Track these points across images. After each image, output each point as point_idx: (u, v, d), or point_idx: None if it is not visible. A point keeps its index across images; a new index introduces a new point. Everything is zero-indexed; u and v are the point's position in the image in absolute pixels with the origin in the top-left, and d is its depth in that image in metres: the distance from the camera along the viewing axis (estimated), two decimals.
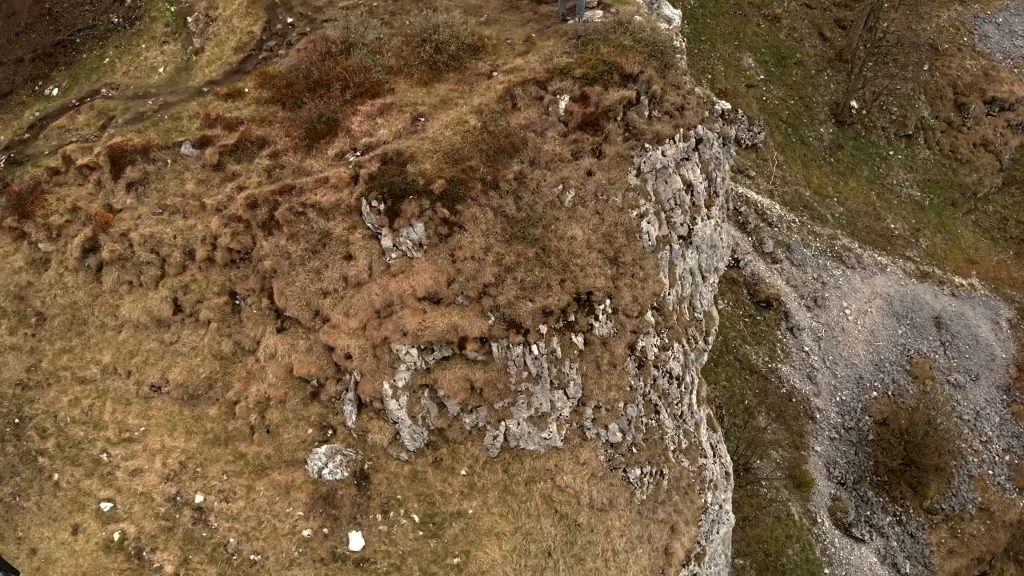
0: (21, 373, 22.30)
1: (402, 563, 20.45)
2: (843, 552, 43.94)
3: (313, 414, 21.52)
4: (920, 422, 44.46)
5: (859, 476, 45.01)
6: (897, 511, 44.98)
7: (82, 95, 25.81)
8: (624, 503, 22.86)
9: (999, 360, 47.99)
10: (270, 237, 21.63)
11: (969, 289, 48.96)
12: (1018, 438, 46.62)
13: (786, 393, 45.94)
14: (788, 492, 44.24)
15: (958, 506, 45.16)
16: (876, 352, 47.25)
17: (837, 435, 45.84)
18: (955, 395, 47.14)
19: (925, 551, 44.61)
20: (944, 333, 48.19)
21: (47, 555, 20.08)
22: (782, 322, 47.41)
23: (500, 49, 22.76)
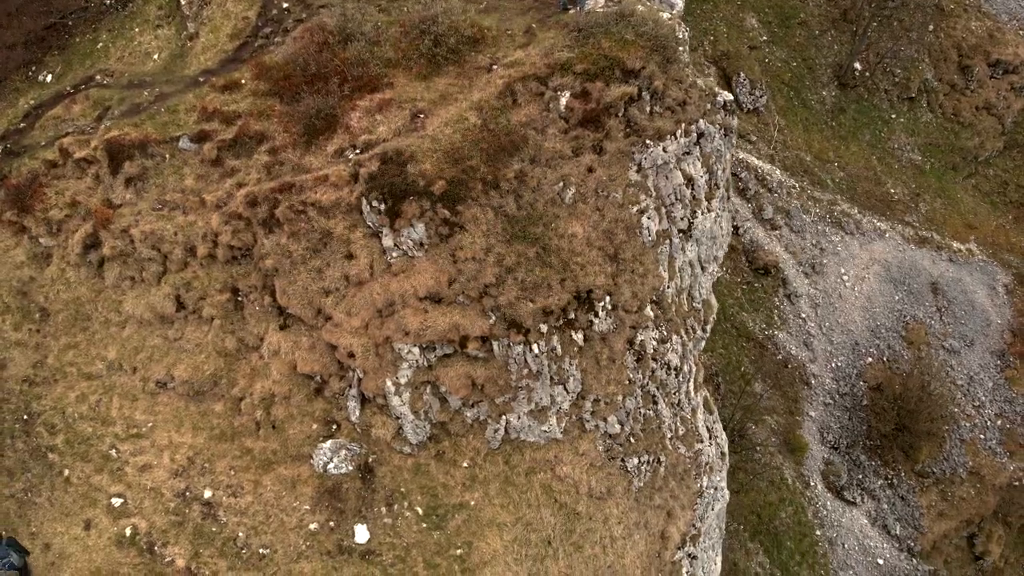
0: (27, 369, 22.58)
1: (407, 555, 21.07)
2: (835, 514, 45.02)
3: (317, 410, 21.88)
4: (914, 387, 45.07)
5: (852, 440, 45.80)
6: (889, 474, 45.90)
7: (76, 81, 25.47)
8: (622, 491, 23.42)
9: (994, 326, 48.42)
10: (271, 235, 21.66)
11: (967, 254, 49.11)
12: (1011, 403, 47.31)
13: (782, 360, 46.45)
14: (782, 457, 45.08)
15: (949, 470, 46.08)
16: (872, 318, 47.61)
17: (831, 400, 46.51)
18: (949, 360, 47.70)
19: (915, 513, 45.68)
20: (940, 299, 48.49)
21: (61, 550, 20.67)
22: (780, 289, 47.66)
23: (500, 41, 22.42)
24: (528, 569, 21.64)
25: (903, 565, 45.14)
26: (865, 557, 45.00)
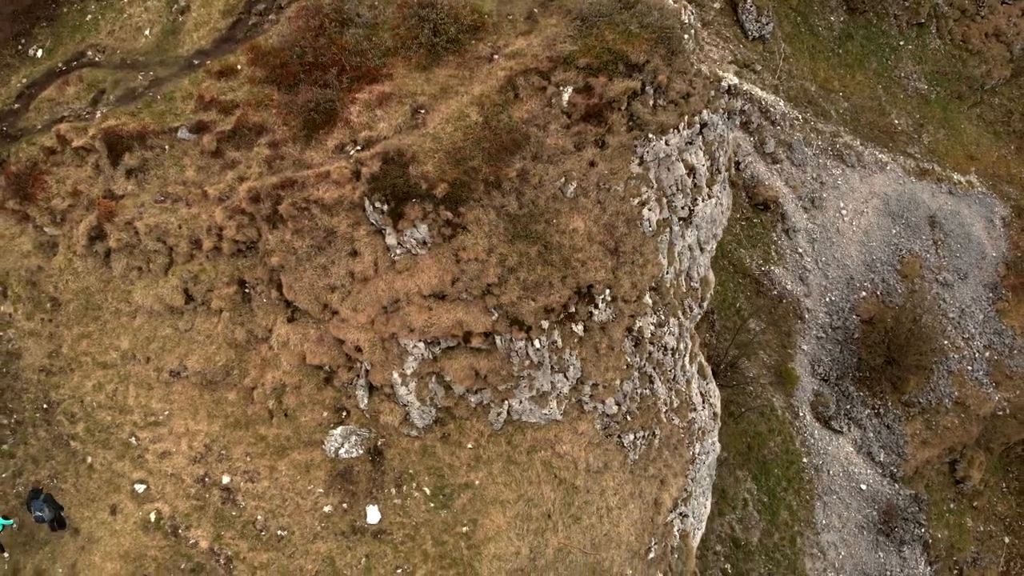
0: (43, 359, 23.33)
1: (416, 533, 22.52)
2: (821, 443, 47.02)
3: (327, 398, 22.82)
4: (906, 321, 46.11)
5: (842, 372, 47.27)
6: (876, 404, 47.58)
7: (68, 57, 25.00)
8: (618, 465, 24.74)
9: (989, 259, 49.07)
10: (275, 230, 21.96)
11: (967, 186, 49.15)
12: (1000, 335, 48.54)
13: (777, 295, 47.31)
14: (773, 389, 46.68)
15: (935, 400, 47.77)
16: (869, 252, 48.19)
17: (824, 334, 47.70)
18: (942, 294, 48.60)
19: (900, 441, 47.67)
20: (938, 232, 48.93)
21: (90, 534, 22.08)
22: (778, 224, 48.00)
23: (501, 27, 21.97)
24: (530, 543, 23.17)
25: (885, 490, 47.53)
26: (849, 483, 47.30)
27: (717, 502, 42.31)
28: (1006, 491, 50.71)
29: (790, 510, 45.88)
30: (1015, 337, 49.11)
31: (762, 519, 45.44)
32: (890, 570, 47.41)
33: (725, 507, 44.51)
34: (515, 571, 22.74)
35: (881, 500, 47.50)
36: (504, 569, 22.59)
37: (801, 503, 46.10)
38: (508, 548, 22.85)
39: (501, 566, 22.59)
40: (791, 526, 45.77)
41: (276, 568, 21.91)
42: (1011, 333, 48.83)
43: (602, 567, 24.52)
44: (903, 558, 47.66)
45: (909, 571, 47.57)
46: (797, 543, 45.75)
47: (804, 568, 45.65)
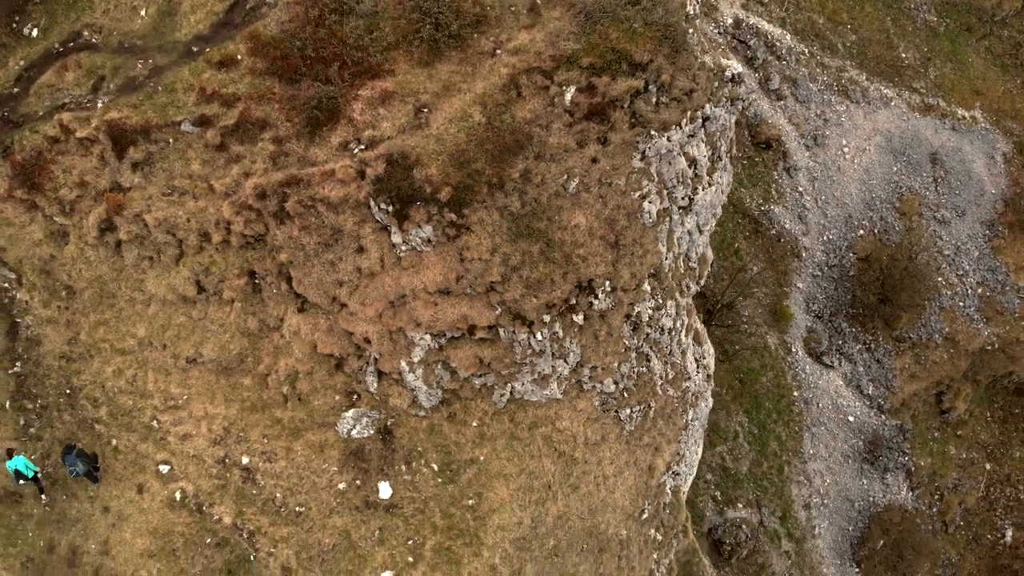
0: (63, 346, 24.38)
1: (425, 507, 24.25)
2: (812, 377, 48.86)
3: (339, 383, 24.05)
4: (901, 259, 47.04)
5: (835, 309, 48.55)
6: (867, 340, 49.14)
7: (64, 38, 24.82)
8: (614, 437, 26.29)
9: (988, 195, 49.53)
10: (282, 226, 22.59)
11: (970, 122, 49.05)
12: (993, 272, 49.58)
13: (776, 234, 48.07)
14: (767, 327, 48.12)
15: (926, 335, 49.28)
16: (868, 191, 48.62)
17: (820, 272, 48.74)
18: (939, 231, 49.33)
19: (889, 375, 49.51)
20: (938, 169, 49.19)
21: (119, 512, 23.76)
22: (780, 163, 48.23)
23: (503, 20, 21.88)
24: (531, 512, 24.96)
25: (872, 421, 49.71)
26: (837, 415, 49.44)
27: (709, 435, 44.43)
28: (990, 420, 52.92)
29: (779, 441, 48.10)
30: (1008, 274, 50.16)
31: (752, 450, 47.73)
32: (873, 496, 50.14)
33: (717, 439, 46.57)
34: (518, 539, 24.59)
35: (867, 431, 49.70)
36: (507, 538, 24.43)
37: (790, 434, 48.29)
38: (511, 518, 24.62)
39: (505, 535, 24.42)
40: (779, 456, 48.09)
41: (296, 541, 23.72)
42: (1004, 270, 49.84)
43: (599, 530, 26.45)
44: (886, 484, 50.33)
45: (891, 497, 50.33)
46: (784, 471, 48.25)
47: (790, 494, 48.28)
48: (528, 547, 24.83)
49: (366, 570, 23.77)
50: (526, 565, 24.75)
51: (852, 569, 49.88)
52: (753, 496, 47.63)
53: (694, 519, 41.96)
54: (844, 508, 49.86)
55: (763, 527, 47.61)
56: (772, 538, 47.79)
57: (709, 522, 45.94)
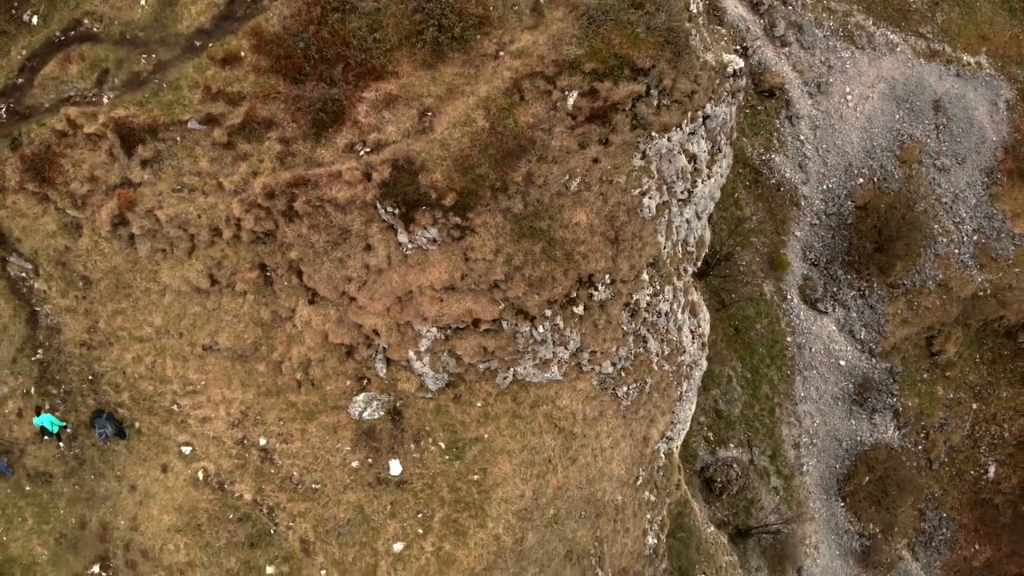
0: (82, 334, 25.52)
1: (433, 482, 25.97)
2: (806, 323, 50.32)
3: (349, 369, 25.35)
4: (900, 207, 47.71)
5: (832, 257, 49.54)
6: (862, 286, 50.32)
7: (64, 26, 24.88)
8: (612, 413, 27.82)
9: (988, 143, 49.77)
10: (291, 224, 23.40)
11: (975, 68, 48.83)
12: (990, 219, 50.33)
13: (776, 183, 48.61)
14: (764, 275, 49.23)
15: (919, 282, 50.44)
16: (870, 139, 48.85)
17: (818, 221, 49.52)
18: (938, 179, 49.81)
19: (881, 320, 50.92)
20: (940, 116, 49.28)
21: (146, 490, 25.45)
22: (782, 111, 48.34)
23: (506, 20, 22.08)
24: (533, 485, 26.71)
25: (863, 365, 51.45)
26: (828, 359, 51.17)
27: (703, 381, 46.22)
28: (979, 361, 54.58)
29: (771, 384, 49.98)
30: (1004, 221, 50.90)
31: (744, 393, 49.67)
32: (860, 435, 52.40)
33: (710, 384, 48.35)
34: (520, 511, 26.42)
35: (857, 374, 51.49)
36: (510, 510, 26.26)
37: (782, 378, 50.12)
38: (514, 491, 26.38)
39: (508, 507, 26.23)
40: (771, 398, 50.06)
41: (313, 516, 25.53)
42: (1001, 217, 50.56)
43: (596, 498, 28.30)
44: (874, 424, 52.51)
45: (878, 436, 52.60)
46: (776, 413, 50.30)
47: (780, 435, 50.48)
48: (530, 517, 26.69)
49: (379, 541, 25.67)
50: (528, 533, 26.67)
51: (838, 503, 52.58)
52: (744, 437, 49.76)
53: (687, 459, 44.10)
54: (832, 447, 52.14)
55: (753, 465, 49.97)
56: (761, 475, 50.22)
57: (701, 461, 48.19)
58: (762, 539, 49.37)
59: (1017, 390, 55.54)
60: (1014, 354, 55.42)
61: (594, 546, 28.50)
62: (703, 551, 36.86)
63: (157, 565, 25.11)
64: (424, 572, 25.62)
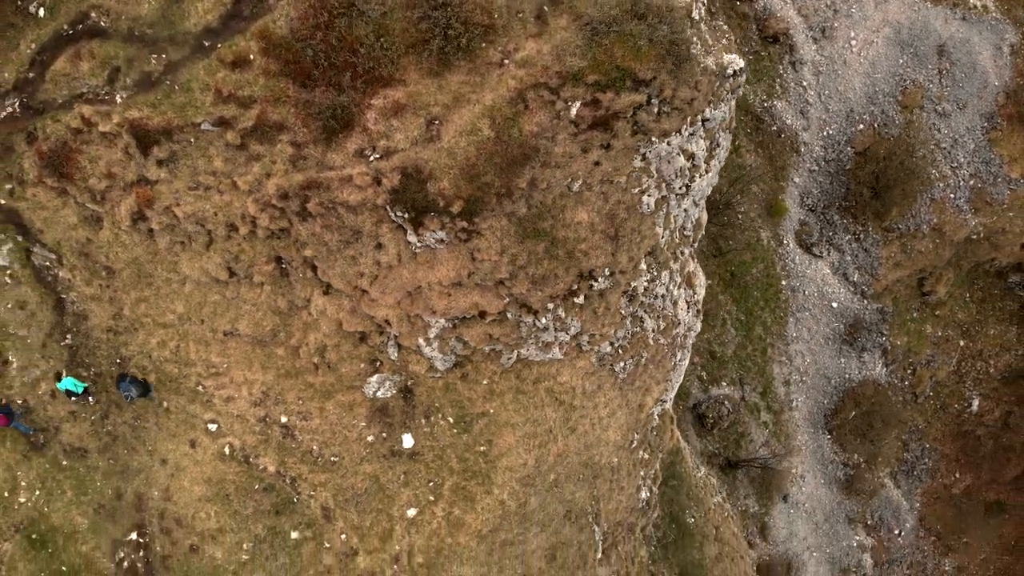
0: (108, 320, 27.10)
1: (443, 453, 28.17)
2: (801, 267, 51.97)
3: (363, 353, 27.12)
4: (899, 153, 48.54)
5: (829, 202, 50.71)
6: (857, 231, 51.67)
7: (71, 18, 25.31)
8: (609, 386, 29.79)
9: (991, 88, 50.06)
10: (305, 223, 24.68)
11: (981, 12, 48.66)
12: (987, 164, 51.17)
13: (776, 130, 49.29)
14: (761, 220, 50.49)
15: (913, 226, 51.75)
16: (872, 84, 49.17)
17: (817, 167, 50.43)
18: (938, 124, 50.38)
19: (874, 263, 52.52)
20: (944, 61, 49.44)
21: (176, 464, 27.63)
22: (786, 57, 48.56)
23: (511, 28, 22.67)
24: (535, 455, 28.94)
25: (854, 306, 53.37)
26: (821, 301, 53.05)
27: None
28: (968, 300, 56.41)
29: (764, 326, 52.01)
30: (1002, 165, 51.76)
31: (738, 335, 51.78)
32: (849, 373, 54.85)
33: (705, 326, 50.37)
34: (523, 478, 28.74)
35: (849, 315, 53.49)
36: (514, 477, 28.57)
37: (775, 320, 52.13)
38: (517, 460, 28.62)
39: (512, 475, 28.54)
40: (764, 339, 52.22)
41: (332, 485, 27.83)
42: (999, 161, 51.40)
43: (593, 461, 30.62)
44: (862, 362, 54.88)
45: (866, 373, 55.04)
46: (768, 353, 52.59)
47: (772, 373, 52.93)
48: (532, 483, 29.03)
49: (394, 508, 28.08)
50: (530, 498, 29.08)
51: (824, 436, 55.54)
52: (737, 375, 52.17)
53: (680, 397, 46.48)
54: (821, 384, 54.68)
55: (744, 402, 52.57)
56: (752, 411, 52.93)
57: (694, 399, 50.75)
58: (751, 470, 52.40)
59: (1005, 327, 57.64)
60: (1003, 293, 57.19)
61: (591, 505, 31.01)
62: (693, 496, 39.67)
63: (190, 531, 27.56)
64: (436, 535, 28.14)
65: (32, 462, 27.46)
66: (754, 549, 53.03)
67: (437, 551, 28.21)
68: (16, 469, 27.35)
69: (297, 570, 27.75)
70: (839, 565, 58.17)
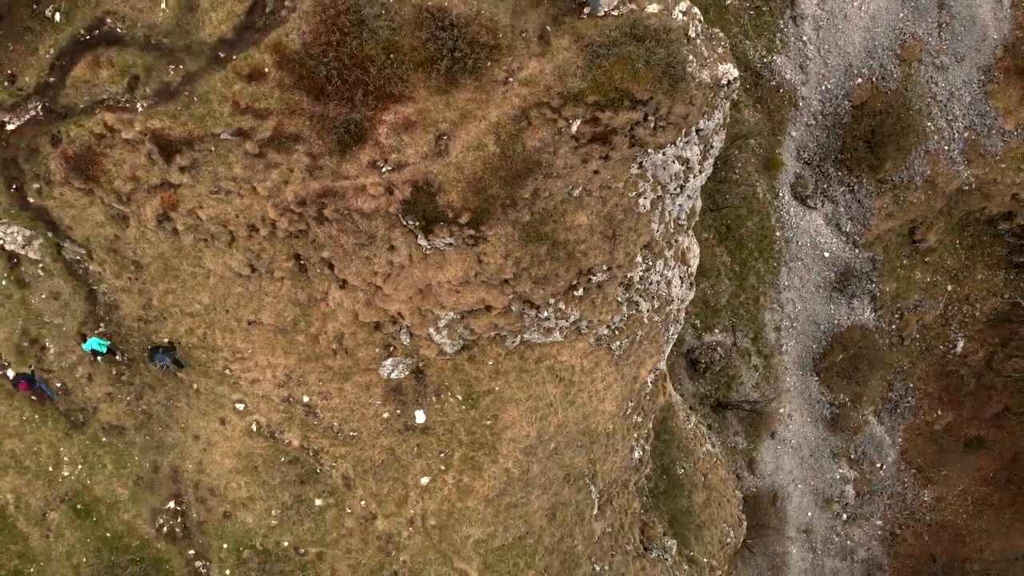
0: (138, 310, 29.25)
1: (453, 427, 30.88)
2: (795, 219, 53.85)
3: (378, 340, 29.44)
4: (896, 107, 49.71)
5: (824, 155, 52.14)
6: (852, 182, 53.28)
7: (87, 23, 26.39)
8: (606, 363, 32.28)
9: (989, 40, 50.78)
10: (322, 227, 26.58)
11: None
12: (982, 116, 52.37)
13: (775, 85, 50.31)
14: (758, 175, 52.06)
15: (907, 178, 53.34)
16: (872, 38, 49.92)
17: (814, 121, 51.68)
18: (936, 77, 51.34)
19: (867, 214, 54.35)
20: (944, 14, 50.04)
21: (208, 439, 30.32)
22: (786, 11, 49.18)
23: (515, 47, 24.00)
24: (537, 427, 31.68)
25: (846, 255, 55.48)
26: (814, 251, 55.17)
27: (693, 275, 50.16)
28: (958, 247, 58.43)
29: (758, 275, 54.30)
30: (997, 118, 53.00)
31: (731, 285, 54.10)
32: (838, 318, 57.44)
33: (699, 278, 52.66)
34: (526, 448, 31.56)
35: (840, 264, 55.68)
36: (518, 448, 31.38)
37: (768, 269, 54.36)
38: (521, 432, 31.37)
39: (516, 446, 31.34)
40: (756, 288, 54.60)
41: (352, 457, 30.64)
42: (994, 114, 52.60)
43: (590, 429, 33.40)
44: (851, 308, 57.39)
45: (855, 318, 57.62)
46: (760, 301, 55.04)
47: (763, 320, 55.54)
48: (534, 452, 31.87)
49: (408, 476, 30.98)
50: (532, 465, 31.98)
51: (812, 378, 58.62)
52: (729, 323, 54.74)
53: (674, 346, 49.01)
54: (811, 329, 57.33)
55: (736, 347, 55.35)
56: (743, 355, 55.77)
57: (688, 345, 53.47)
58: (740, 410, 55.54)
59: (992, 272, 59.83)
60: (992, 239, 59.14)
61: (588, 468, 33.99)
62: (683, 448, 42.75)
63: (223, 500, 30.52)
64: (447, 500, 31.15)
65: (73, 439, 30.14)
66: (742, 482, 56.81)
67: (448, 514, 31.28)
68: (59, 446, 30.04)
69: (321, 533, 30.86)
70: (823, 496, 62.13)
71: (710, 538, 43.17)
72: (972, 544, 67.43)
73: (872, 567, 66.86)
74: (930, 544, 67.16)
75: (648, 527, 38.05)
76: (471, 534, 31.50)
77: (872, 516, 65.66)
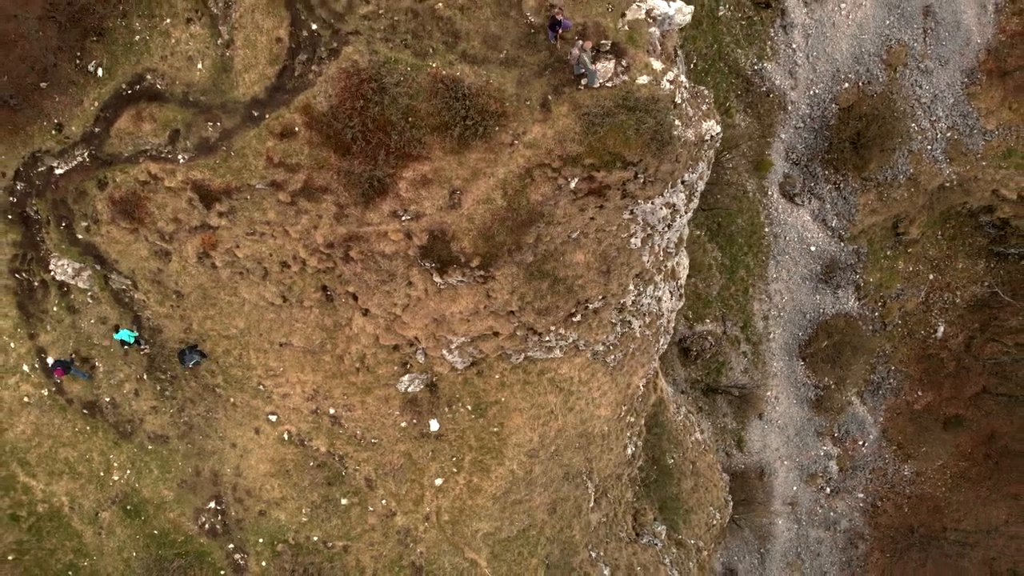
0: (179, 333, 32.99)
1: (463, 434, 34.89)
2: (783, 216, 57.37)
3: (396, 359, 33.26)
4: (881, 110, 52.89)
5: (812, 155, 55.42)
6: (838, 180, 56.68)
7: (128, 79, 29.58)
8: (602, 374, 36.18)
9: (973, 45, 53.74)
10: (348, 265, 30.21)
11: None
12: (964, 117, 55.57)
13: (766, 91, 53.44)
14: (748, 175, 55.45)
15: (891, 176, 56.72)
16: (859, 45, 52.91)
17: (803, 124, 54.91)
18: (920, 80, 54.43)
19: (852, 210, 57.85)
20: (929, 21, 52.94)
21: (244, 447, 34.33)
22: (777, 20, 52.07)
23: (520, 114, 27.35)
24: (539, 432, 35.71)
25: (831, 248, 59.10)
26: (801, 245, 58.80)
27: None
28: (940, 238, 61.98)
29: (747, 269, 58.00)
30: (979, 118, 56.22)
31: (722, 278, 57.80)
32: (823, 307, 61.28)
33: (691, 272, 56.33)
34: (529, 451, 35.63)
35: (826, 257, 59.34)
36: (522, 452, 35.44)
37: (757, 263, 58.05)
38: (524, 438, 35.40)
39: (520, 450, 35.40)
40: (746, 280, 58.35)
41: (373, 461, 34.70)
42: (976, 114, 55.80)
43: (587, 432, 37.45)
44: (836, 298, 61.21)
45: (840, 307, 61.46)
46: (749, 292, 58.85)
47: (752, 309, 59.38)
48: (536, 455, 35.95)
49: (424, 478, 35.09)
50: (535, 467, 36.09)
51: (798, 363, 62.70)
52: (719, 313, 58.58)
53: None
54: (797, 318, 61.24)
55: (726, 336, 59.28)
56: (733, 343, 59.76)
57: (680, 334, 57.40)
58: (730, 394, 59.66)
59: (973, 261, 63.48)
60: (973, 230, 62.66)
61: (585, 466, 38.13)
62: (673, 439, 46.92)
63: (259, 500, 34.67)
64: (458, 498, 35.32)
65: (122, 447, 34.15)
66: (731, 459, 61.24)
67: (460, 511, 35.49)
68: (109, 454, 34.07)
69: (347, 528, 35.11)
70: (807, 471, 66.70)
71: (697, 521, 47.64)
72: (950, 515, 72.10)
73: (854, 536, 71.67)
74: (909, 515, 71.87)
75: (640, 514, 42.37)
76: (480, 528, 35.74)
77: (854, 489, 70.30)
